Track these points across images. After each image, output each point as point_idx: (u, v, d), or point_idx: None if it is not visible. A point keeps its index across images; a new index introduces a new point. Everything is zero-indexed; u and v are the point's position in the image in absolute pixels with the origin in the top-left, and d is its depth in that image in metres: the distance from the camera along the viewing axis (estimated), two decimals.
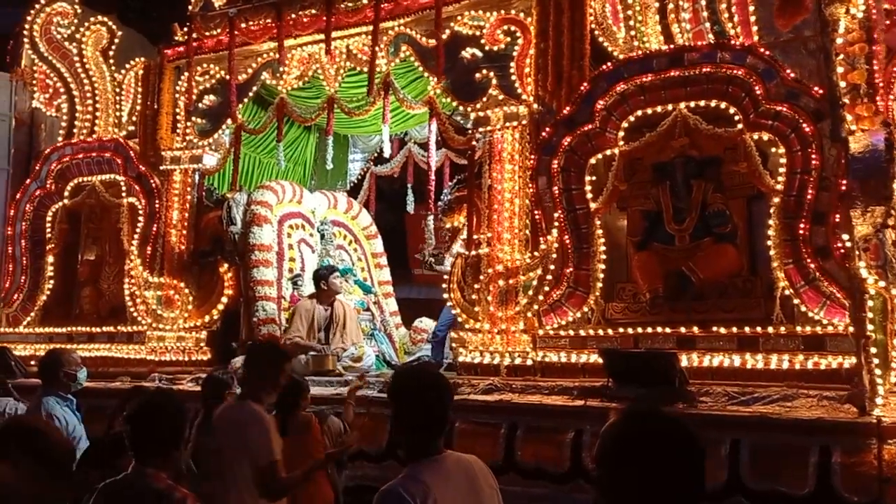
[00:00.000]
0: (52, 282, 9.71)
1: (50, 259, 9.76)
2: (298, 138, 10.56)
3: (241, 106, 8.78)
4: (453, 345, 7.15)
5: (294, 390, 5.07)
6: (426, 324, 9.38)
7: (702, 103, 6.36)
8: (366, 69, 8.12)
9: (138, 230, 9.10)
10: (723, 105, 6.26)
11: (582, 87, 6.74)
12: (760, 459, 4.92)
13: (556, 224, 6.73)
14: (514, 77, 7.16)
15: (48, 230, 9.83)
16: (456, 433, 5.91)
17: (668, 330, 6.21)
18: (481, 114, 7.24)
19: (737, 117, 6.20)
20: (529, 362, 6.72)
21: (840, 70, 5.03)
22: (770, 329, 5.86)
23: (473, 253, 7.14)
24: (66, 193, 9.75)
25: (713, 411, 5.24)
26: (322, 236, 9.45)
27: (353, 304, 8.79)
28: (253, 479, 3.86)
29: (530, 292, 6.75)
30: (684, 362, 5.79)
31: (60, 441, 2.54)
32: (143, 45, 10.12)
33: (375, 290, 9.71)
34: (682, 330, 6.13)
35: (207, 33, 8.77)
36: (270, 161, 10.34)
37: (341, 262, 9.44)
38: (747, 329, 5.93)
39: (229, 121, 8.79)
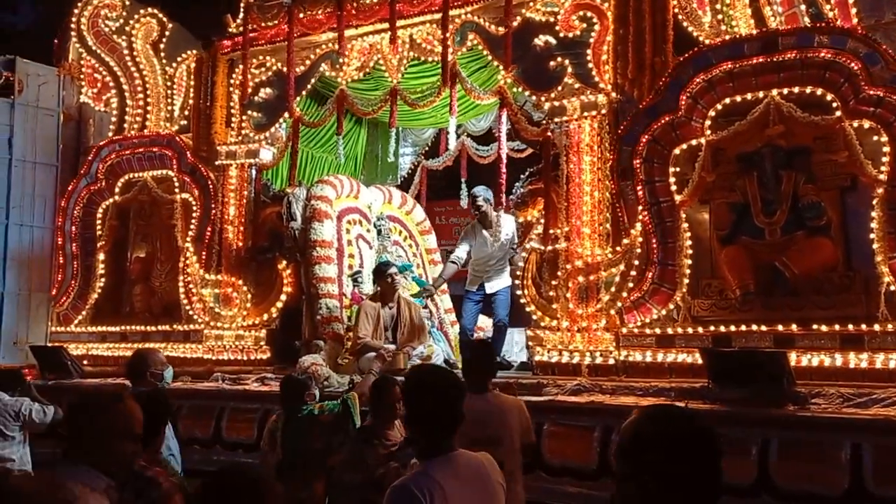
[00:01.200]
0: (103, 280, 9.54)
1: (101, 256, 9.59)
2: (350, 132, 10.31)
3: (297, 99, 8.55)
4: (529, 343, 6.88)
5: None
6: (482, 322, 9.12)
7: (795, 90, 6.07)
8: (430, 59, 7.87)
9: (192, 226, 8.92)
10: (819, 91, 5.97)
11: (666, 75, 6.46)
12: (886, 465, 4.62)
13: (640, 218, 6.46)
14: (590, 65, 6.88)
15: (98, 227, 9.66)
16: (545, 435, 5.66)
17: (763, 328, 5.92)
18: (556, 103, 6.96)
19: (834, 104, 5.90)
20: (612, 361, 6.47)
21: None
22: (876, 327, 5.57)
23: (550, 248, 6.87)
24: (116, 190, 9.58)
25: (829, 414, 4.95)
26: (379, 232, 9.20)
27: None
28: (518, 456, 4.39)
29: (613, 289, 6.48)
30: None
31: None
32: (195, 38, 9.91)
33: None
34: (780, 328, 5.85)
35: (264, 24, 8.54)
36: (323, 155, 10.14)
37: (398, 258, 9.19)
38: (851, 327, 5.64)
39: (286, 114, 8.56)
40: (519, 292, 7.09)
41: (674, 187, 6.47)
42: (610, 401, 5.59)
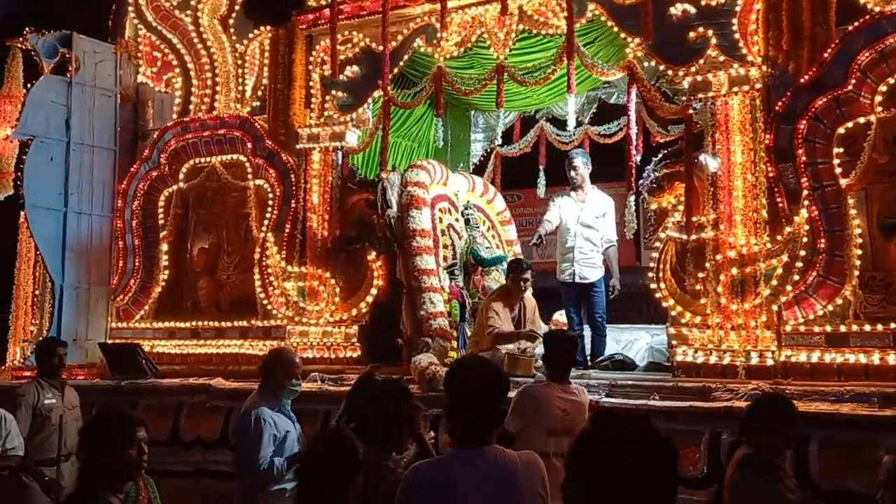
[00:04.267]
0: (166, 272, 8.88)
1: (164, 247, 8.92)
2: (423, 116, 9.70)
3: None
4: (673, 342, 6.25)
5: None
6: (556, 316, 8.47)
7: None
8: (543, 32, 7.24)
9: (270, 215, 8.26)
10: None
11: (832, 45, 5.86)
12: None
13: (803, 204, 5.86)
14: (737, 36, 6.27)
15: (161, 216, 9.00)
16: (722, 445, 5.05)
17: None
18: (699, 78, 6.34)
19: None
20: (769, 362, 5.86)
21: None
22: None
23: (693, 237, 6.25)
24: (180, 176, 8.92)
25: None
26: (467, 221, 8.55)
27: None
28: None
29: (774, 282, 5.86)
30: None
31: None
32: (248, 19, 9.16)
33: None
34: None
35: None
36: (399, 141, 9.48)
37: (486, 248, 8.54)
38: None
39: (375, 94, 7.92)
40: (653, 286, 6.47)
41: (838, 170, 5.87)
42: (805, 407, 4.96)
